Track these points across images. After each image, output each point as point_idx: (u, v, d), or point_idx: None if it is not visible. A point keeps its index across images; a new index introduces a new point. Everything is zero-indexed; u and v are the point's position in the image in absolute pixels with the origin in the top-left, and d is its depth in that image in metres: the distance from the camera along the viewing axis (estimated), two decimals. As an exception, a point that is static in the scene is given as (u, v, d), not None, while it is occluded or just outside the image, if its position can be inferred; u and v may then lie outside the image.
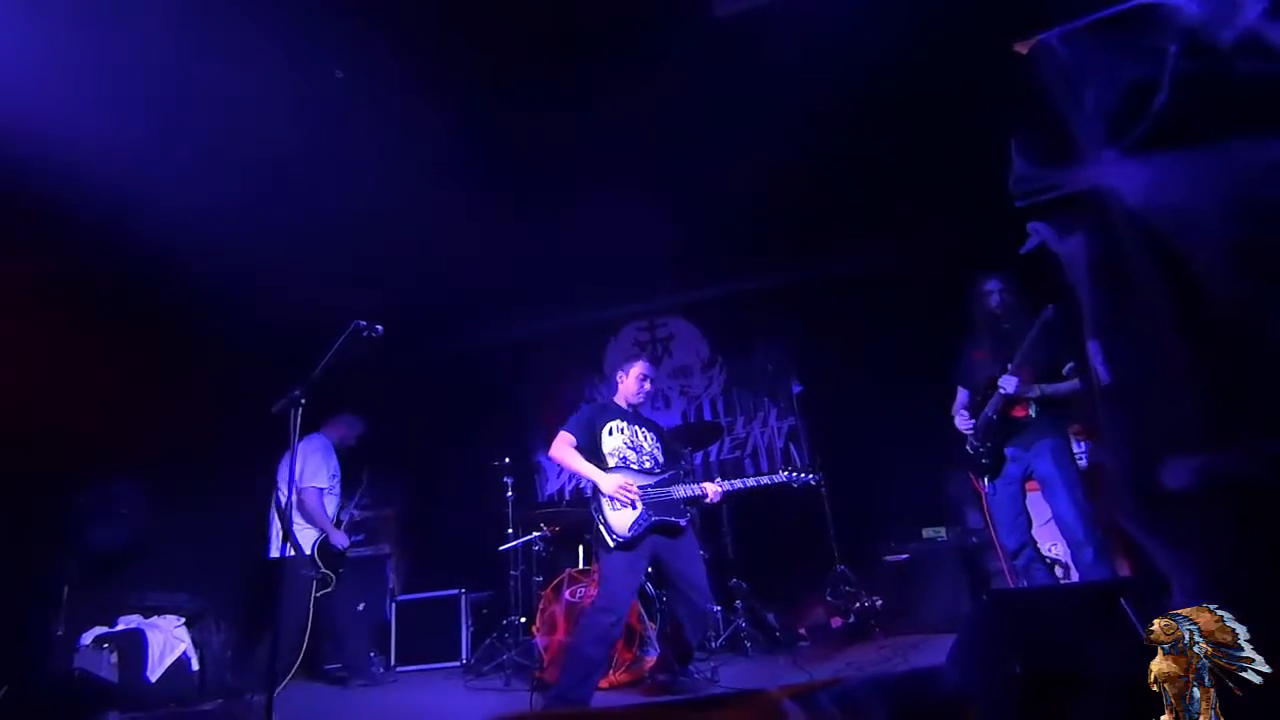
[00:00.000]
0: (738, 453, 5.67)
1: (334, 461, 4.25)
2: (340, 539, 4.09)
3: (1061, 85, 1.48)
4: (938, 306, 3.75)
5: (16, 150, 3.22)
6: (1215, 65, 1.35)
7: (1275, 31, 1.32)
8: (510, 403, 5.99)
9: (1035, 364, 3.18)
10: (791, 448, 5.53)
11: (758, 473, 3.40)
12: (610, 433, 3.24)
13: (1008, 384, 3.17)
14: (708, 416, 5.85)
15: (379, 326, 3.32)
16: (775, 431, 5.63)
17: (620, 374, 3.41)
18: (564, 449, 3.17)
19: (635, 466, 3.18)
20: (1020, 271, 3.27)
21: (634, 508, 3.04)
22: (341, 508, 4.28)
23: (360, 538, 4.38)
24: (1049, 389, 3.16)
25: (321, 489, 4.07)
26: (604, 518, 3.02)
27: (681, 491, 3.15)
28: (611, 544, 2.97)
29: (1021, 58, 1.60)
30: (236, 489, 4.28)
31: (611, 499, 3.04)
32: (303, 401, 3.08)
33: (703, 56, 3.49)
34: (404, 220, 4.36)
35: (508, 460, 4.59)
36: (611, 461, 3.16)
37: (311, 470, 4.05)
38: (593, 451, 3.19)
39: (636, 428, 3.31)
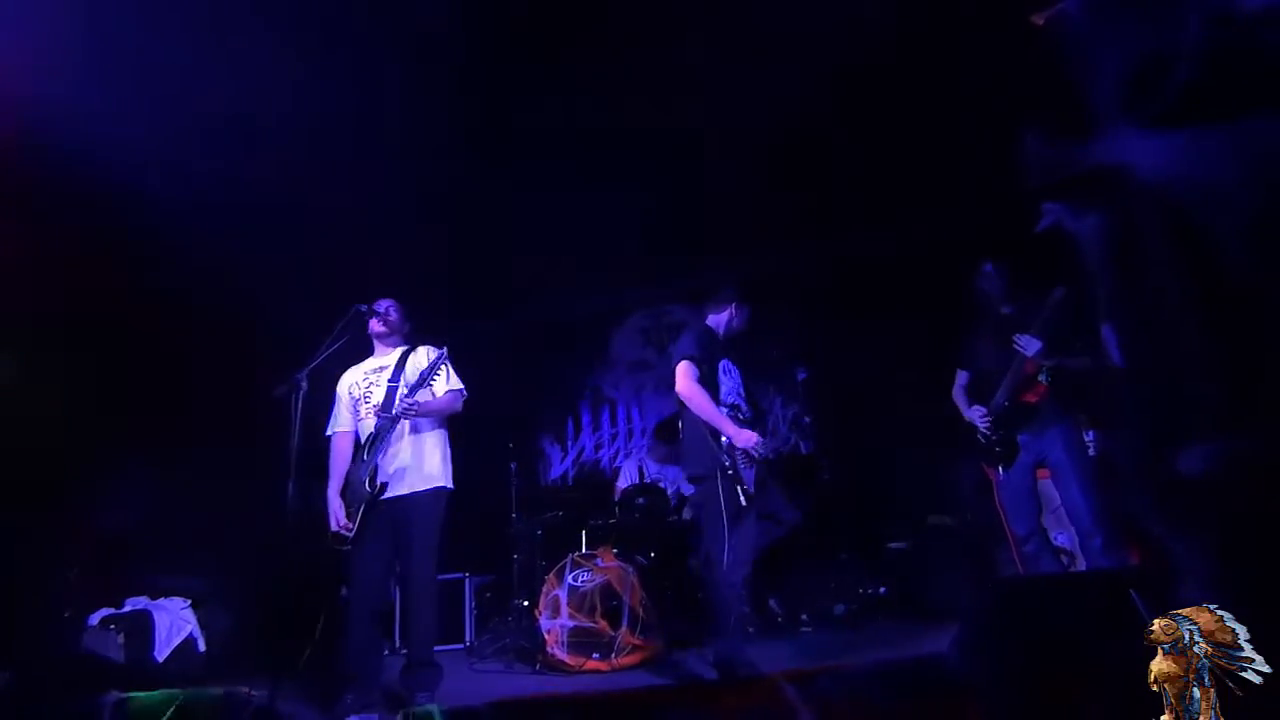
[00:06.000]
0: (742, 439, 5.65)
1: (360, 384, 3.24)
2: (351, 473, 3.04)
3: (1079, 57, 1.43)
4: (943, 292, 3.70)
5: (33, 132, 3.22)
6: (1239, 36, 1.30)
7: (1303, 0, 1.27)
8: (512, 389, 5.97)
9: (1049, 338, 3.13)
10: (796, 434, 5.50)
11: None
12: (726, 373, 3.05)
13: (1029, 345, 3.10)
14: (712, 403, 5.81)
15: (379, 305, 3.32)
16: (780, 418, 5.60)
17: (729, 309, 3.21)
18: (698, 390, 2.90)
19: (744, 418, 3.02)
20: (1020, 257, 3.22)
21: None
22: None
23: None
24: (1064, 361, 3.11)
25: (336, 434, 3.25)
26: (738, 476, 2.85)
27: None
28: (744, 502, 2.82)
29: (1027, 39, 1.56)
30: (243, 473, 4.28)
31: (741, 456, 2.89)
32: (304, 386, 3.08)
33: (702, 42, 3.43)
34: (405, 205, 4.34)
35: (511, 445, 4.61)
36: (723, 410, 2.95)
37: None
38: (709, 385, 2.97)
39: (739, 372, 3.14)
